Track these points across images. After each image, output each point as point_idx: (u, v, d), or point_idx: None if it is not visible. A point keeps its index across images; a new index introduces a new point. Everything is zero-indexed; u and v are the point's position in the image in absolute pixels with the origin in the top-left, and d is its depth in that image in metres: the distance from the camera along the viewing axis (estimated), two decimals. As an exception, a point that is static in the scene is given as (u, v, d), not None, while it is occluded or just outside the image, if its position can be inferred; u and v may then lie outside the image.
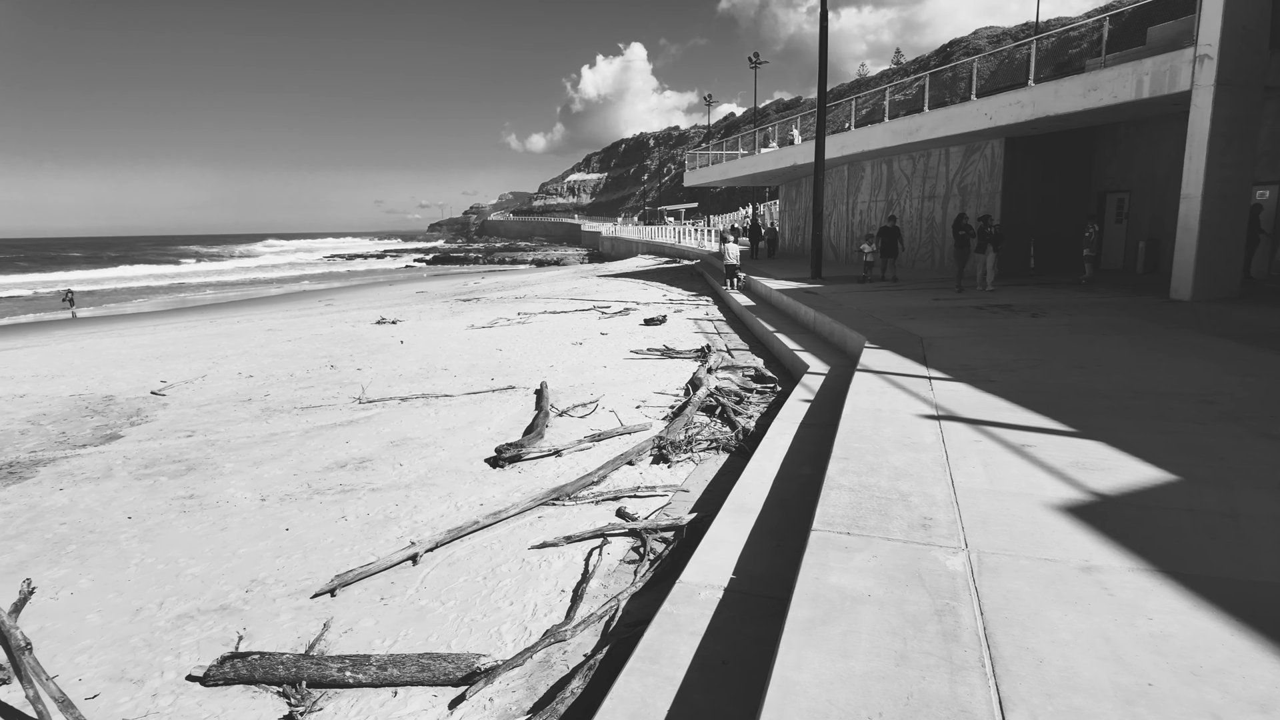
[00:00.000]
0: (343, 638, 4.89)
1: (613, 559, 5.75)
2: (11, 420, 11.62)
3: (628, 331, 17.34)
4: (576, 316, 20.87)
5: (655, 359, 13.73)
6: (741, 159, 33.37)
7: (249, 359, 16.17)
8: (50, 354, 18.81)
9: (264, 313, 29.87)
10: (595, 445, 8.71)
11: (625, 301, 23.77)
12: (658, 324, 17.99)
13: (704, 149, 43.14)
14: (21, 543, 6.74)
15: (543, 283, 36.52)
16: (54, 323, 31.66)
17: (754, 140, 34.34)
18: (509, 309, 23.78)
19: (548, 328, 18.89)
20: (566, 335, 17.41)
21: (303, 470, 8.50)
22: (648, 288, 28.48)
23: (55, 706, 4.03)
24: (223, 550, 6.42)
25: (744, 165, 32.52)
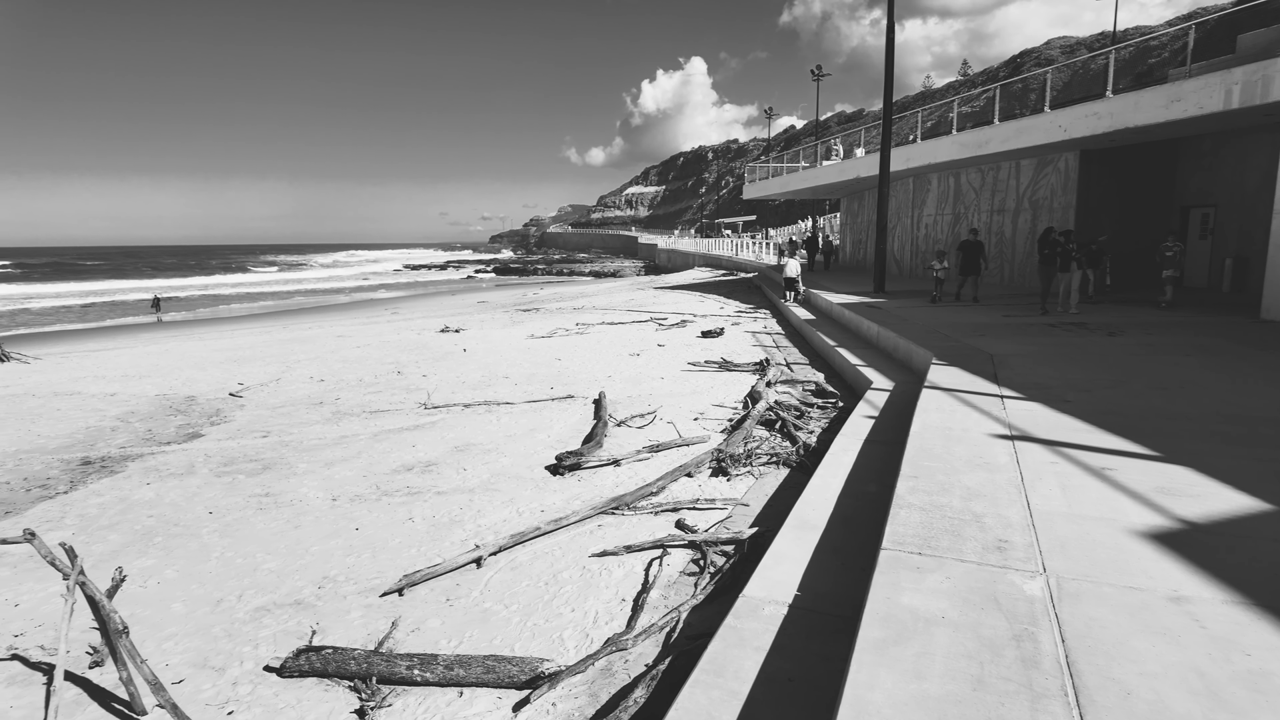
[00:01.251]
0: (410, 636, 5.01)
1: (672, 570, 5.75)
2: (104, 417, 12.33)
3: (685, 343, 17.35)
4: (633, 328, 20.98)
5: (713, 371, 13.69)
6: (802, 171, 33.10)
7: (320, 364, 16.78)
8: (138, 355, 19.90)
9: (334, 320, 30.97)
10: (653, 456, 8.72)
11: (682, 313, 23.79)
12: (715, 336, 17.94)
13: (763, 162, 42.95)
14: (114, 533, 7.14)
15: (600, 294, 36.86)
16: (141, 326, 33.50)
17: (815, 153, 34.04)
18: (567, 319, 24.06)
19: (605, 338, 19.04)
20: (624, 346, 17.52)
21: (372, 472, 8.76)
22: (704, 300, 28.45)
23: (146, 689, 4.25)
24: (296, 547, 6.67)
25: (805, 178, 32.25)
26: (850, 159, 28.59)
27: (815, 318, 17.87)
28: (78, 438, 11.07)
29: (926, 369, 9.28)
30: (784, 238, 48.80)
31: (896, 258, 26.91)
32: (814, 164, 32.92)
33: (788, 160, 38.65)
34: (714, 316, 22.50)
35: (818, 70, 55.54)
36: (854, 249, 33.36)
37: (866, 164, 25.74)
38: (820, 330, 15.48)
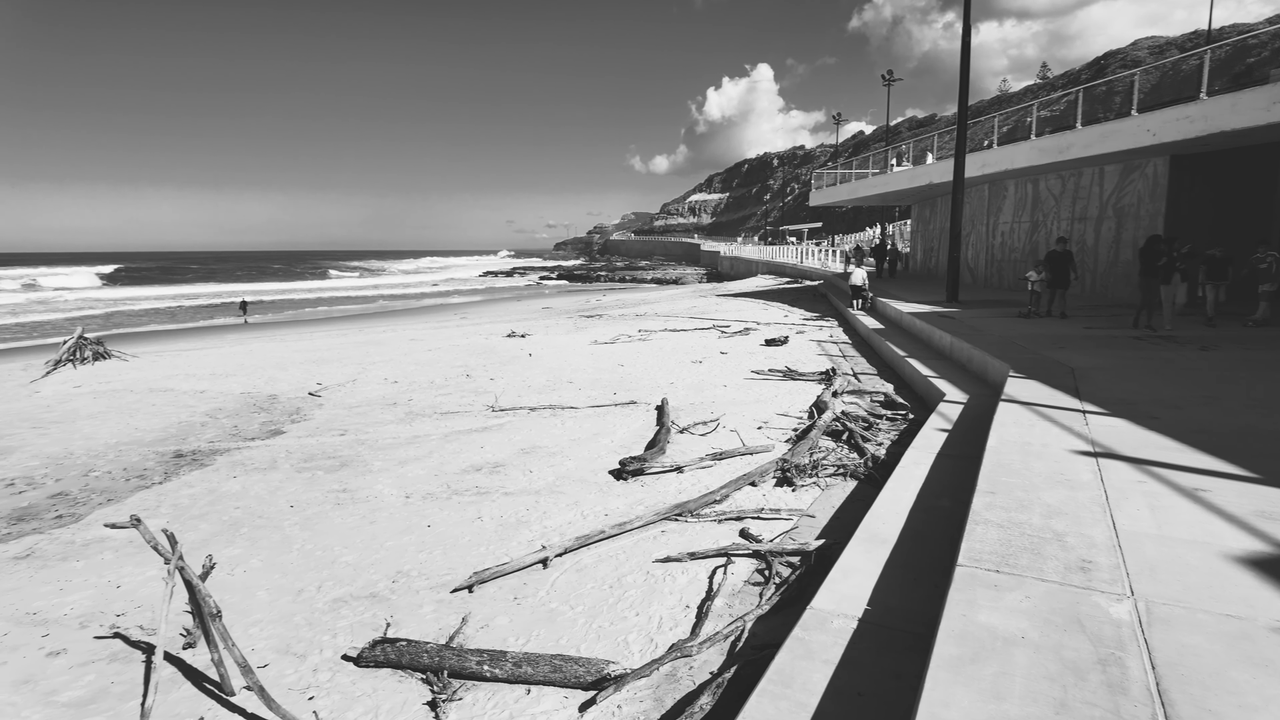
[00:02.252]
0: (479, 632, 5.14)
1: (736, 579, 5.72)
2: (194, 413, 13.06)
3: (748, 351, 17.23)
4: (696, 335, 20.96)
5: (777, 380, 13.55)
6: (872, 178, 32.48)
7: (393, 366, 17.35)
8: (224, 355, 20.99)
9: (406, 324, 31.98)
10: (717, 464, 8.70)
11: (745, 321, 23.64)
12: (779, 345, 17.75)
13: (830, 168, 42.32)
14: (204, 523, 7.56)
15: (662, 301, 36.94)
16: (228, 327, 35.31)
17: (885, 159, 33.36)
18: (630, 326, 24.21)
19: (667, 345, 19.08)
20: (686, 353, 17.52)
21: (442, 471, 9.02)
22: (768, 308, 28.18)
23: (236, 671, 4.49)
24: (372, 542, 6.92)
25: (874, 184, 31.64)
26: (923, 165, 27.91)
27: (884, 327, 17.48)
28: (171, 431, 11.75)
29: (1003, 382, 8.98)
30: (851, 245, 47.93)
31: (970, 266, 26.10)
32: (884, 170, 32.26)
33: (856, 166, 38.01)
34: (778, 324, 22.27)
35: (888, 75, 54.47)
36: (925, 257, 32.52)
37: (940, 170, 25.09)
38: (889, 340, 15.15)
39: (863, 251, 34.67)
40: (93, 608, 5.83)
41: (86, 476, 9.50)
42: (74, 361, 19.61)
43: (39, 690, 4.70)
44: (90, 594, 6.07)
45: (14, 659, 5.10)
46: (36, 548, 7.12)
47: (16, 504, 8.56)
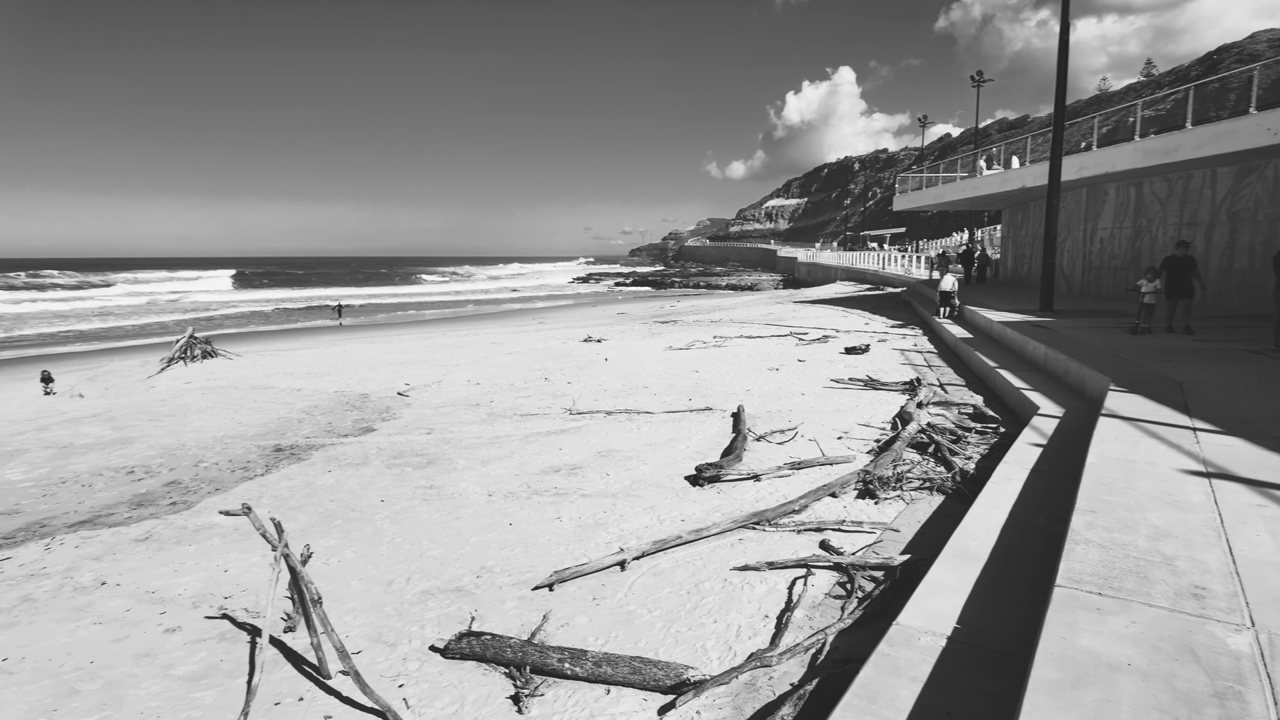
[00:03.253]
0: (560, 630, 5.24)
1: (817, 591, 5.63)
2: (291, 410, 13.80)
3: (827, 359, 16.91)
4: (772, 342, 20.72)
5: (858, 389, 13.25)
6: (960, 181, 31.37)
7: (476, 368, 17.87)
8: (319, 355, 22.09)
9: (488, 328, 32.89)
10: (795, 473, 8.58)
11: (824, 328, 23.21)
12: (860, 353, 17.35)
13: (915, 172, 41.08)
14: (301, 514, 7.98)
15: (737, 307, 36.68)
16: (322, 329, 37.15)
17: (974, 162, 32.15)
18: (705, 332, 24.15)
19: (743, 352, 18.94)
20: (762, 360, 17.34)
21: (523, 471, 9.23)
22: (848, 315, 27.58)
23: (332, 655, 4.72)
24: (457, 537, 7.15)
25: (962, 188, 30.54)
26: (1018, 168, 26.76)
27: (972, 336, 16.83)
28: (271, 427, 12.46)
29: (1103, 396, 8.51)
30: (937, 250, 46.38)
31: (1066, 274, 24.83)
32: (972, 173, 31.10)
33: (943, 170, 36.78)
34: (858, 332, 21.77)
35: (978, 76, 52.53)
36: (1016, 264, 31.14)
37: (1034, 173, 24.00)
38: (978, 350, 14.58)
39: (948, 258, 33.49)
40: (203, 589, 6.24)
41: (196, 467, 10.19)
42: (185, 359, 21.06)
43: (158, 664, 5.07)
44: (201, 576, 6.51)
45: (135, 633, 5.52)
46: (154, 531, 7.68)
47: (136, 490, 9.26)
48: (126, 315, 47.22)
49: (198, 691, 4.71)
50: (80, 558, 7.03)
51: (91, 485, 9.54)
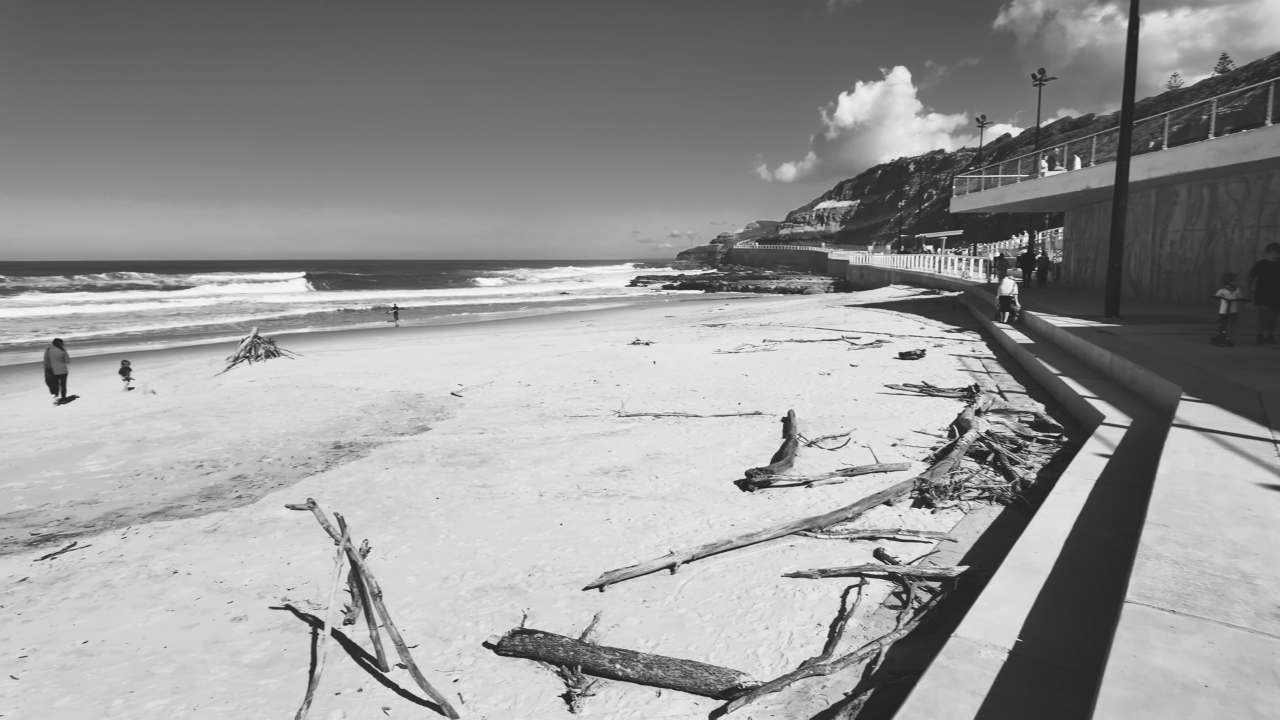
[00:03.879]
0: (610, 631, 5.27)
1: (871, 601, 5.53)
2: (350, 408, 14.20)
3: (880, 365, 16.61)
4: (824, 346, 20.44)
5: (913, 395, 12.97)
6: (1021, 183, 30.44)
7: (526, 370, 18.11)
8: (376, 356, 22.69)
9: (538, 330, 33.28)
10: (848, 480, 8.45)
11: (877, 333, 22.80)
12: (915, 358, 16.98)
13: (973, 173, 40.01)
14: (360, 509, 8.20)
15: (787, 311, 36.30)
16: (379, 330, 38.14)
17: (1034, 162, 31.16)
18: (754, 335, 23.97)
19: (793, 356, 18.73)
20: (813, 365, 17.13)
21: (573, 472, 9.31)
22: (902, 319, 27.03)
23: (391, 649, 4.85)
24: (509, 536, 7.26)
25: (1023, 190, 29.64)
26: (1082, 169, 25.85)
27: (1033, 342, 16.31)
28: (330, 424, 12.85)
29: (1173, 406, 8.15)
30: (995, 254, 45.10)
31: (1133, 278, 23.87)
32: (1033, 174, 30.15)
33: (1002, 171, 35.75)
34: (913, 337, 21.31)
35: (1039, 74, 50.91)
36: (1079, 267, 30.07)
37: (1099, 174, 23.14)
38: (1040, 356, 14.12)
39: (1007, 261, 32.53)
40: (267, 580, 6.48)
41: (261, 462, 10.57)
42: (250, 359, 21.87)
43: (226, 651, 5.28)
44: (265, 568, 6.75)
45: (205, 621, 5.76)
46: (221, 524, 8.00)
47: (205, 483, 9.66)
48: (198, 316, 49.28)
49: (263, 679, 4.89)
50: (154, 547, 7.37)
51: (164, 478, 9.99)
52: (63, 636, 5.57)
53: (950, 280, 40.08)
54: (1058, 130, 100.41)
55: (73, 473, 10.41)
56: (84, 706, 4.64)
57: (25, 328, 40.05)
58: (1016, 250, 44.49)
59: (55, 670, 5.09)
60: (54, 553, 7.31)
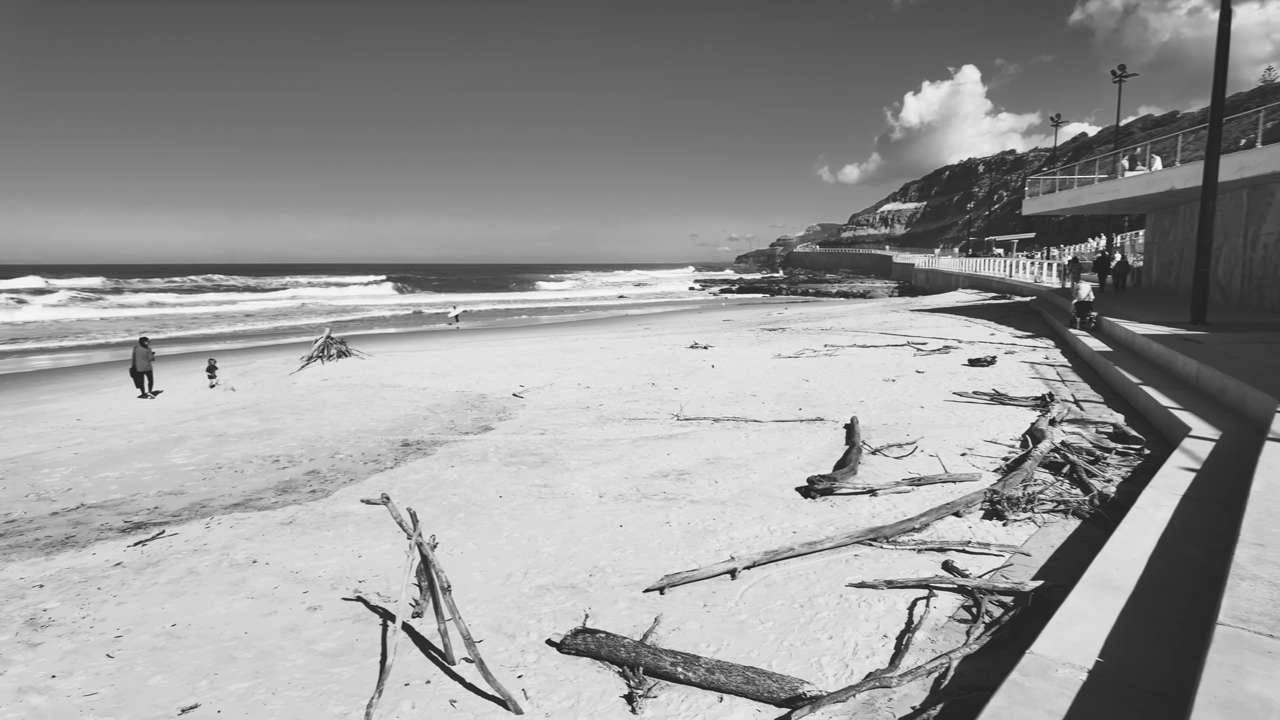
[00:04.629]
0: (671, 634, 5.28)
1: (939, 614, 5.39)
2: (417, 407, 14.60)
3: (948, 371, 16.15)
4: (888, 352, 20.00)
5: (983, 404, 12.57)
6: (1098, 184, 29.18)
7: (585, 372, 18.28)
8: (441, 357, 23.26)
9: (596, 333, 33.56)
10: (914, 489, 8.25)
11: (944, 339, 22.17)
12: (985, 365, 16.45)
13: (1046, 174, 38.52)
14: (427, 505, 8.43)
15: (849, 315, 35.65)
16: (443, 332, 39.10)
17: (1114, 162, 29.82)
18: (815, 340, 23.63)
19: (856, 361, 18.39)
20: (877, 370, 16.78)
21: (632, 475, 9.36)
22: (971, 325, 26.22)
23: (458, 642, 4.97)
24: (570, 536, 7.34)
25: (1100, 190, 28.40)
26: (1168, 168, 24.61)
27: (1111, 350, 15.60)
28: (398, 423, 13.24)
29: (1269, 418, 7.68)
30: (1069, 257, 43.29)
31: (1221, 284, 22.58)
32: (1112, 174, 28.85)
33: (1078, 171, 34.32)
34: (983, 343, 20.65)
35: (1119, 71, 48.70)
36: (1162, 271, 28.63)
37: (1184, 174, 21.99)
38: (1118, 364, 13.50)
39: (1081, 265, 31.21)
40: (340, 572, 6.72)
41: (333, 458, 10.97)
42: (322, 358, 22.72)
43: (302, 639, 5.51)
44: (338, 560, 7.01)
45: (283, 609, 6.01)
46: (296, 517, 8.34)
47: (281, 478, 10.08)
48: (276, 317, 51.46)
49: (336, 667, 5.07)
50: (235, 537, 7.73)
51: (243, 471, 10.47)
52: (153, 619, 5.90)
53: (1022, 285, 38.68)
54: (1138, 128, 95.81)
55: (160, 464, 11.02)
56: (173, 686, 4.90)
57: (120, 327, 42.59)
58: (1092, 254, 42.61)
59: (147, 650, 5.40)
60: (145, 540, 7.75)
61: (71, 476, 10.48)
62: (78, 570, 6.99)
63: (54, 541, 7.90)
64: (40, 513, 8.98)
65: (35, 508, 9.18)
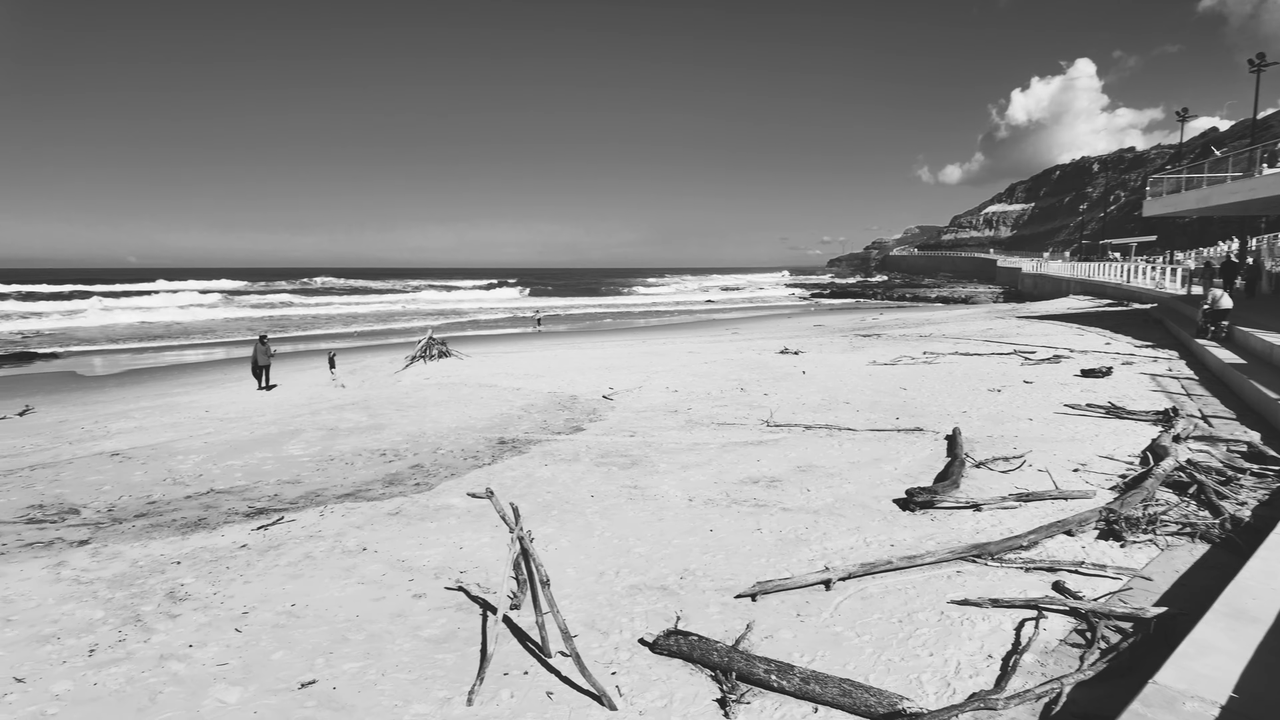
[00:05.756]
0: (763, 641, 5.24)
1: (1050, 637, 5.12)
2: (511, 407, 15.06)
3: (1058, 382, 15.27)
4: (993, 360, 19.09)
5: (1098, 417, 11.82)
6: (1231, 182, 26.89)
7: (673, 376, 18.35)
8: (534, 359, 23.88)
9: (683, 337, 33.61)
10: (1022, 506, 7.86)
11: (1054, 347, 20.97)
12: (1099, 376, 15.46)
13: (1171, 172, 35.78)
14: (523, 502, 8.65)
15: (949, 321, 34.24)
16: (530, 336, 40.13)
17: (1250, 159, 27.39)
18: (913, 347, 22.83)
19: (958, 370, 17.65)
20: (981, 380, 16.05)
21: (721, 480, 9.34)
22: (1084, 333, 24.68)
23: (555, 636, 5.11)
24: (660, 538, 7.41)
25: (1233, 190, 26.16)
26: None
27: (1245, 362, 14.34)
28: (495, 421, 13.70)
29: None
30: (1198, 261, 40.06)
31: (1380, 290, 20.35)
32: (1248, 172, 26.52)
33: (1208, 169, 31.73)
34: (1097, 353, 19.40)
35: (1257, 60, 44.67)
36: (1306, 277, 26.06)
37: (1336, 169, 19.97)
38: (1253, 378, 12.40)
39: (1211, 269, 28.85)
40: (442, 562, 7.03)
41: (435, 453, 11.47)
42: (425, 358, 23.76)
43: (408, 624, 5.80)
44: (441, 551, 7.33)
45: (390, 595, 6.34)
46: (402, 508, 8.77)
47: (388, 470, 10.62)
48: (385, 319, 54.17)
49: (440, 653, 5.31)
50: (346, 525, 8.21)
51: (353, 463, 11.10)
52: (275, 598, 6.35)
53: (1141, 291, 36.10)
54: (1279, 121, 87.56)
55: (279, 455, 11.82)
56: (294, 661, 5.26)
57: (242, 325, 45.91)
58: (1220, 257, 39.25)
59: (270, 627, 5.82)
60: (266, 524, 8.34)
61: (202, 463, 11.39)
62: (209, 550, 7.60)
63: (188, 522, 8.61)
64: (176, 495, 9.81)
65: (172, 491, 10.03)
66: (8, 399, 19.04)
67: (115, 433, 14.01)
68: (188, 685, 4.96)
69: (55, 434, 14.13)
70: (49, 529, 8.53)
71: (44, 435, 14.07)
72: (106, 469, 11.13)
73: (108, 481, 10.47)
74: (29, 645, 5.57)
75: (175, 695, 4.84)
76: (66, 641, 5.62)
